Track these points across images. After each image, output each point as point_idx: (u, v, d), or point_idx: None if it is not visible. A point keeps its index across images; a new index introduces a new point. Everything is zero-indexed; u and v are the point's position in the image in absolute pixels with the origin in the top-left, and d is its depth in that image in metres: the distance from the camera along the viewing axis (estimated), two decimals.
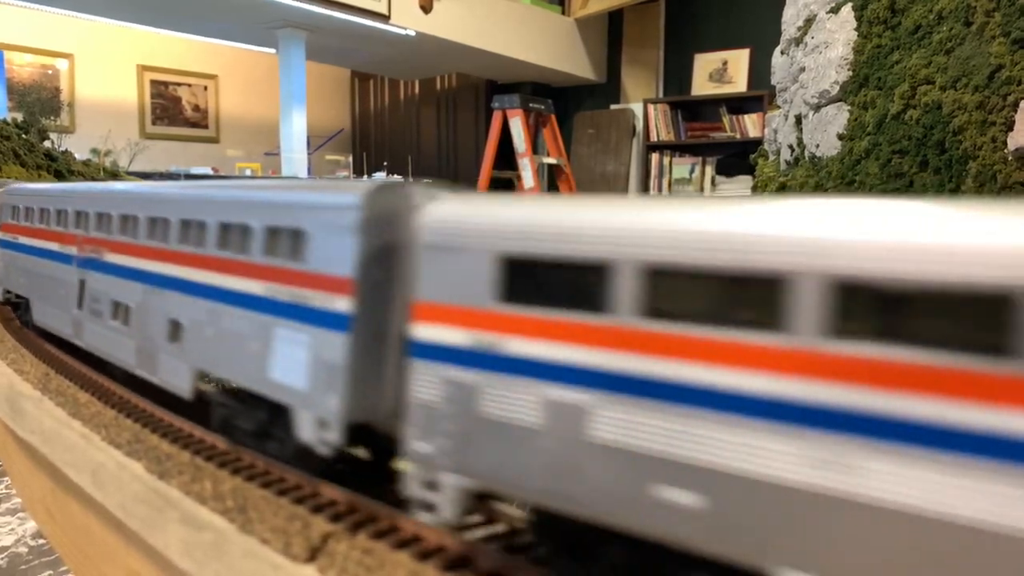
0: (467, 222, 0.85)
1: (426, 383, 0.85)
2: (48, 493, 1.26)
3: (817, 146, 3.00)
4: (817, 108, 3.04)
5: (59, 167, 3.32)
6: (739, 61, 8.23)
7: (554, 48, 8.81)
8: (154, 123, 9.52)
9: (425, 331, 0.86)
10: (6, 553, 3.02)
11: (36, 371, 1.30)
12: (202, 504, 0.87)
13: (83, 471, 1.03)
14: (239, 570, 0.79)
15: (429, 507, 0.82)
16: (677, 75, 8.83)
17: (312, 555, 0.78)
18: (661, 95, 8.91)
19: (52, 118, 3.59)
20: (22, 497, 1.49)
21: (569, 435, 0.75)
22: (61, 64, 8.69)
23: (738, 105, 8.18)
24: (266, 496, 0.87)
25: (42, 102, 3.45)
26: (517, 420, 0.79)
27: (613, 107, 9.20)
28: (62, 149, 3.58)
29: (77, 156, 4.34)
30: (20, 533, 3.17)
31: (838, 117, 2.90)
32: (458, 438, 0.82)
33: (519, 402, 0.79)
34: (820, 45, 3.09)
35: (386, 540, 0.82)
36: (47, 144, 3.51)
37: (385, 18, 7.08)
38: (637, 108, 8.84)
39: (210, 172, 7.69)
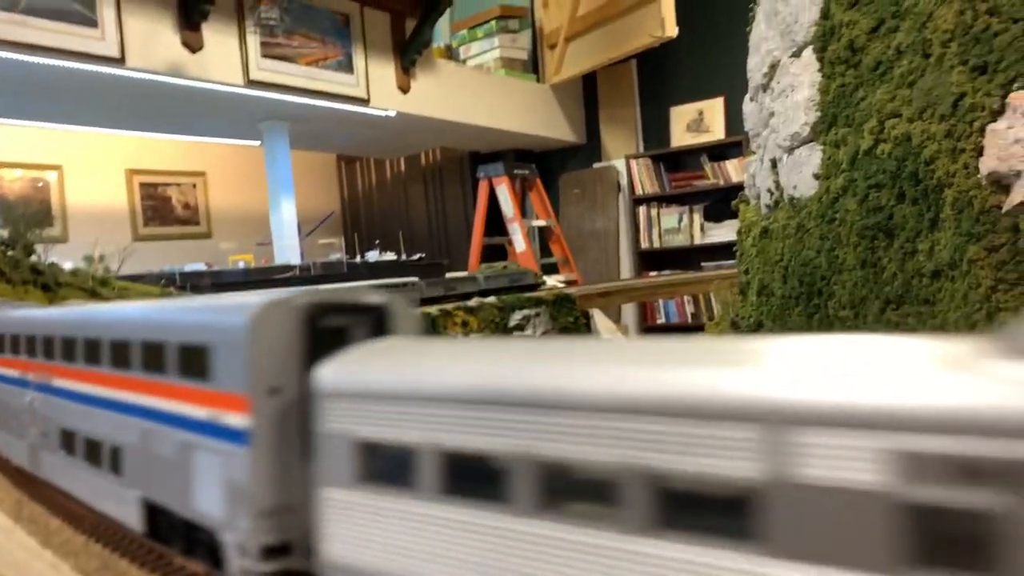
0: None
1: None
2: None
3: (795, 187, 3.02)
4: (790, 150, 3.06)
5: (46, 280, 3.34)
6: (714, 110, 8.37)
7: (532, 115, 8.97)
8: (146, 224, 9.62)
9: None
10: None
11: (9, 498, 1.27)
12: None
13: None
14: None
15: None
16: (655, 129, 8.96)
17: None
18: (642, 150, 9.03)
19: (38, 231, 3.63)
20: None
21: None
22: (51, 176, 8.84)
23: (718, 152, 8.29)
24: None
25: (26, 217, 3.51)
26: None
27: (596, 165, 9.32)
28: (48, 261, 3.62)
29: (70, 264, 4.37)
30: None
31: (812, 157, 2.92)
32: None
33: None
34: (786, 89, 3.13)
35: None
36: (33, 258, 3.54)
37: (365, 102, 7.22)
38: (620, 164, 8.95)
39: (203, 268, 7.73)
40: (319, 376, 0.92)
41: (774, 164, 3.22)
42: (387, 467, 0.83)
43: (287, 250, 7.63)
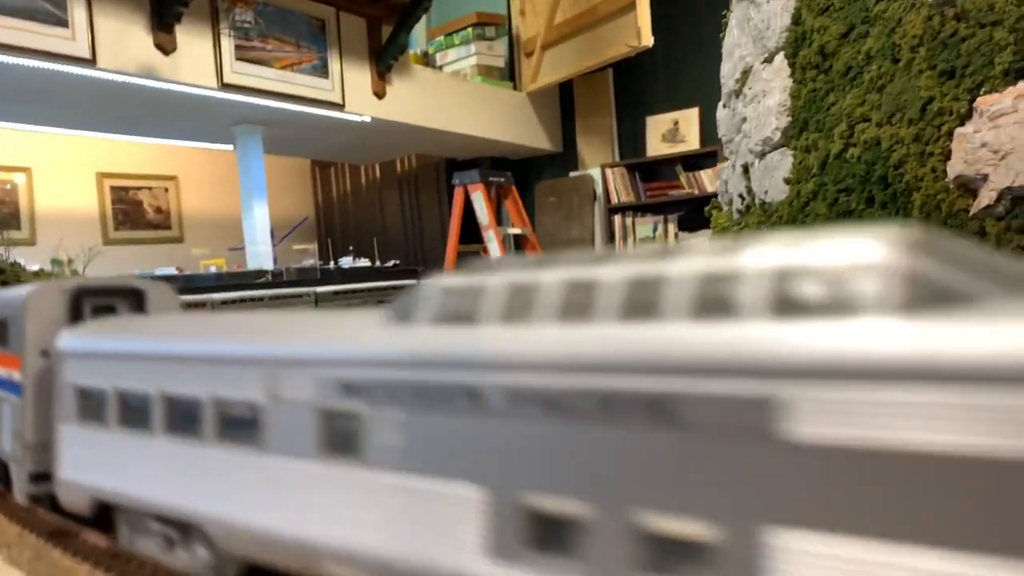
0: None
1: None
2: None
3: (766, 192, 3.03)
4: (762, 155, 3.07)
5: (7, 279, 3.26)
6: (689, 120, 8.43)
7: (509, 123, 8.97)
8: (117, 228, 9.48)
9: None
10: None
11: None
12: None
13: None
14: None
15: None
16: (631, 139, 9.01)
17: None
18: (617, 159, 9.06)
19: (2, 232, 3.56)
20: None
21: None
22: (19, 178, 8.68)
23: (693, 162, 8.34)
24: None
25: None
26: None
27: (572, 174, 9.34)
28: (11, 261, 3.53)
29: (36, 266, 4.28)
30: None
31: (783, 162, 2.93)
32: None
33: None
34: (758, 95, 3.15)
35: None
36: None
37: (340, 107, 7.18)
38: (596, 173, 8.98)
39: (174, 272, 7.62)
40: (59, 340, 1.22)
41: (746, 169, 3.23)
42: (93, 407, 1.14)
43: (260, 255, 7.54)
